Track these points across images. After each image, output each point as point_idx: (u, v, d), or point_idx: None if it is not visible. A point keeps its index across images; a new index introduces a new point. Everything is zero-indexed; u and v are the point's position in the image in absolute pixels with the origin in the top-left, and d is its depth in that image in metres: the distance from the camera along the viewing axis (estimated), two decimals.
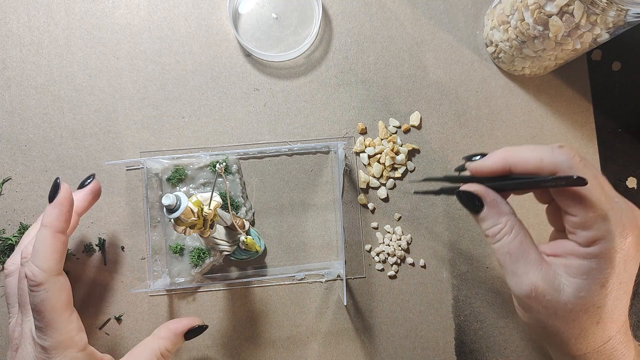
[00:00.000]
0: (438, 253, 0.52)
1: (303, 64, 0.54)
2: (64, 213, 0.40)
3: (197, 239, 0.50)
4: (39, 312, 0.38)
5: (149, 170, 0.50)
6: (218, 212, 0.46)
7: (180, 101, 0.53)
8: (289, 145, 0.52)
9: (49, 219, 0.39)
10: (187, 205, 0.40)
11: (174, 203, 0.39)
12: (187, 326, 0.45)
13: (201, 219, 0.42)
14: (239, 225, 0.48)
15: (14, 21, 0.53)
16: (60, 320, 0.38)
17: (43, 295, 0.37)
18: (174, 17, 0.53)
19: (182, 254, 0.50)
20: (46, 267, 0.38)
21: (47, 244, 0.38)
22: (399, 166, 0.53)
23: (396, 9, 0.55)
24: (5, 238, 0.50)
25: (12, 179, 0.51)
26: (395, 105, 0.54)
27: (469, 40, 0.55)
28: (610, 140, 0.55)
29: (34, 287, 0.37)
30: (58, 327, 0.38)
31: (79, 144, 0.52)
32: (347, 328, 0.51)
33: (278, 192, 0.52)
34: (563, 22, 0.42)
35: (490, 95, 0.54)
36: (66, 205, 0.40)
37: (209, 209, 0.43)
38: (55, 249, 0.39)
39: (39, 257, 0.38)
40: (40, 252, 0.38)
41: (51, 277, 0.38)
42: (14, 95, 0.52)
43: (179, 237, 0.50)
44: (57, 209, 0.39)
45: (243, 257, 0.50)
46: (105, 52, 0.53)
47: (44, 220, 0.39)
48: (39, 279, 0.37)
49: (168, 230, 0.51)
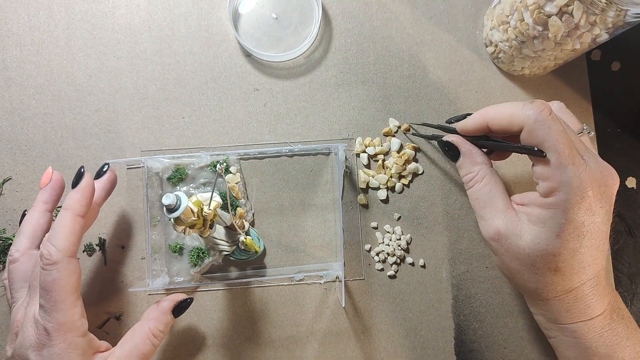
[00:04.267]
0: (437, 253, 0.52)
1: (303, 64, 0.54)
2: (85, 198, 0.41)
3: (196, 238, 0.50)
4: (48, 290, 0.38)
5: (149, 169, 0.50)
6: (218, 212, 0.46)
7: (180, 101, 0.53)
8: (290, 147, 0.52)
9: (70, 203, 0.40)
10: (187, 205, 0.40)
11: (174, 203, 0.40)
12: (173, 302, 0.46)
13: (201, 219, 0.42)
14: (238, 225, 0.48)
15: (14, 21, 0.53)
16: (67, 302, 0.39)
17: (55, 274, 0.38)
18: (174, 17, 0.53)
19: (181, 254, 0.50)
20: (62, 247, 0.39)
21: (66, 225, 0.39)
22: (407, 174, 0.53)
23: (396, 9, 0.55)
24: (6, 238, 0.50)
25: (12, 179, 0.51)
26: (395, 105, 0.54)
27: (469, 40, 0.55)
28: (610, 141, 0.55)
29: (48, 266, 0.38)
30: (63, 309, 0.38)
31: (79, 144, 0.52)
32: (346, 327, 0.51)
33: (278, 192, 0.52)
34: (562, 22, 0.42)
35: (489, 95, 0.54)
36: (88, 191, 0.41)
37: (209, 209, 0.43)
38: (73, 231, 0.40)
39: (57, 236, 0.39)
40: (59, 232, 0.39)
41: (65, 257, 0.39)
42: (14, 95, 0.52)
43: (178, 236, 0.50)
44: (79, 194, 0.41)
45: (242, 257, 0.50)
46: (105, 52, 0.53)
47: (66, 204, 0.40)
48: (54, 257, 0.38)
49: (168, 229, 0.51)
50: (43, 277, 0.38)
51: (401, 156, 0.52)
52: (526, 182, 0.53)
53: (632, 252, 0.54)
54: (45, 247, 0.39)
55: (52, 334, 0.38)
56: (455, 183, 0.53)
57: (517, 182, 0.53)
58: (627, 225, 0.54)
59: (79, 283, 0.40)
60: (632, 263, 0.53)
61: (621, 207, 0.54)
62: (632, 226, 0.54)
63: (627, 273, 0.53)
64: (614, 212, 0.53)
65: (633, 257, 0.54)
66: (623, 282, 0.53)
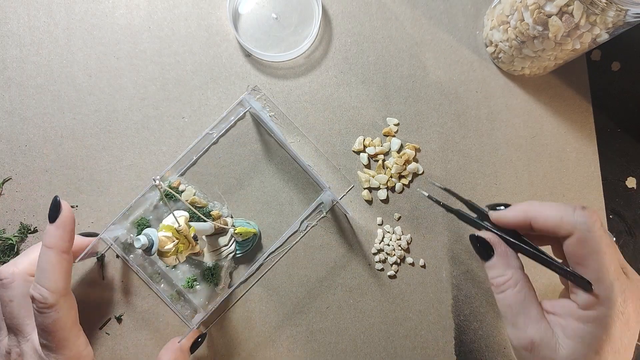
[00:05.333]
0: (438, 253, 0.52)
1: (303, 64, 0.54)
2: (67, 232, 0.40)
3: (199, 264, 0.50)
4: (50, 332, 0.38)
5: (117, 246, 0.48)
6: (195, 226, 0.44)
7: (180, 101, 0.53)
8: (209, 134, 0.51)
9: (53, 240, 0.39)
10: (159, 236, 0.39)
11: (147, 242, 0.38)
12: (190, 340, 0.46)
13: (182, 238, 0.41)
14: (222, 224, 0.48)
15: (14, 21, 0.53)
16: (71, 337, 0.39)
17: (54, 315, 0.38)
18: (174, 17, 0.53)
19: (198, 282, 0.50)
20: (55, 289, 0.38)
21: (54, 265, 0.38)
22: (407, 174, 0.53)
23: (396, 9, 0.55)
24: (6, 238, 0.50)
25: (12, 179, 0.51)
26: (395, 105, 0.54)
27: (469, 40, 0.55)
28: (610, 140, 0.55)
29: (45, 309, 0.38)
30: (68, 345, 0.39)
31: (79, 144, 0.52)
32: (347, 327, 0.51)
33: (228, 178, 0.52)
34: (562, 22, 0.42)
35: (489, 95, 0.54)
36: (69, 224, 0.40)
37: (180, 226, 0.42)
38: (63, 270, 0.39)
39: (48, 278, 0.38)
40: (49, 273, 0.38)
41: (61, 297, 0.38)
42: (14, 95, 0.52)
43: (184, 273, 0.50)
44: (60, 230, 0.39)
45: (248, 247, 0.50)
46: (105, 52, 0.53)
47: (48, 242, 0.39)
48: (50, 300, 0.38)
49: (171, 275, 0.50)
50: (41, 319, 0.38)
51: (401, 156, 0.52)
52: (549, 284, 0.52)
53: (632, 251, 0.54)
54: (36, 290, 0.38)
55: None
56: (455, 183, 0.53)
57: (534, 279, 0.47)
58: (627, 225, 0.54)
59: (77, 314, 0.40)
60: (632, 263, 0.53)
61: (621, 207, 0.54)
62: (632, 226, 0.54)
63: None
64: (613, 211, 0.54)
65: (633, 257, 0.54)
66: None
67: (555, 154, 0.54)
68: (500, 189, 0.53)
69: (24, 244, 0.51)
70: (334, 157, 0.53)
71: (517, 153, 0.54)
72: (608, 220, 0.54)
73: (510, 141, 0.54)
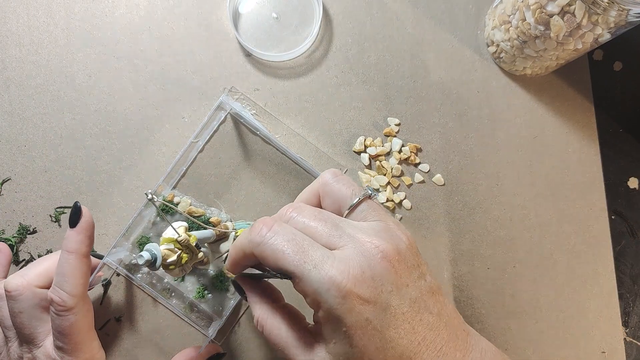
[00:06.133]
0: (439, 254, 0.52)
1: (303, 64, 0.54)
2: (87, 237, 0.41)
3: (205, 274, 0.50)
4: (67, 335, 0.39)
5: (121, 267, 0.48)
6: (196, 234, 0.44)
7: (180, 101, 0.52)
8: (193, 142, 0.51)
9: (74, 245, 0.40)
10: (161, 250, 0.39)
11: (150, 257, 0.38)
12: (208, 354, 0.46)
13: (184, 249, 0.41)
14: (223, 229, 0.47)
15: (14, 21, 0.52)
16: (86, 341, 0.40)
17: (72, 319, 0.39)
18: (174, 17, 0.53)
19: (208, 291, 0.50)
20: (75, 292, 0.39)
21: (74, 270, 0.39)
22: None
23: (397, 8, 0.54)
24: (5, 239, 0.50)
25: (11, 179, 0.51)
26: (396, 106, 0.53)
27: (470, 40, 0.54)
28: (612, 141, 0.54)
29: (63, 312, 0.39)
30: (83, 348, 0.40)
31: (79, 144, 0.52)
32: None
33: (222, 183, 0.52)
34: (564, 22, 0.42)
35: (491, 95, 0.54)
36: (89, 229, 0.41)
37: (180, 236, 0.41)
38: (82, 274, 0.40)
39: (68, 282, 0.39)
40: (69, 277, 0.39)
41: (80, 301, 0.39)
42: (13, 95, 0.52)
43: (192, 283, 0.50)
44: (81, 235, 0.40)
45: None
46: (105, 52, 0.53)
47: (69, 246, 0.40)
48: (69, 304, 0.39)
49: (181, 288, 0.50)
50: (59, 321, 0.39)
51: (402, 156, 0.52)
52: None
53: (634, 253, 0.53)
54: (56, 293, 0.39)
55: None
56: (456, 183, 0.53)
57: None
58: (629, 226, 0.54)
59: (93, 317, 0.41)
60: (634, 264, 0.53)
61: (623, 208, 0.54)
62: (634, 227, 0.54)
63: (629, 274, 0.53)
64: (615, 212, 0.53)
65: (635, 258, 0.53)
66: (625, 284, 0.53)
67: (557, 154, 0.54)
68: (501, 189, 0.53)
69: (23, 245, 0.51)
70: (335, 157, 0.53)
71: (518, 153, 0.53)
72: (610, 221, 0.53)
73: (511, 141, 0.54)
